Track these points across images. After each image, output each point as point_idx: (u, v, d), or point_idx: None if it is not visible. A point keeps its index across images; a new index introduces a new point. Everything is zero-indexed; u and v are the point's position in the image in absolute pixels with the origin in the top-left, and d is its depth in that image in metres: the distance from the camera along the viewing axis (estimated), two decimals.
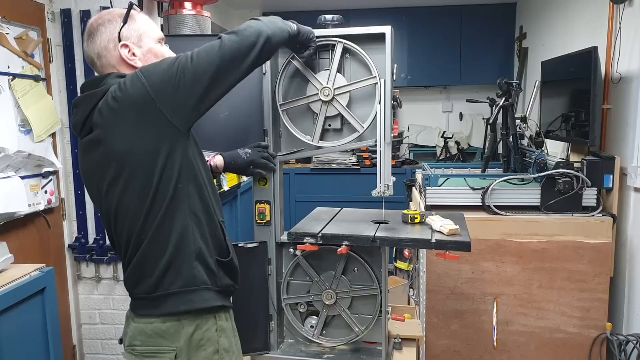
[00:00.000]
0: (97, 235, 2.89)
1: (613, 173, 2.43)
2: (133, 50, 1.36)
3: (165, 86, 1.22)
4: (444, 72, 5.19)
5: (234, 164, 1.74)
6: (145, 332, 1.29)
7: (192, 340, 1.29)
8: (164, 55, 1.39)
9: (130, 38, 1.36)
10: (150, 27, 1.40)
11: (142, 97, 1.21)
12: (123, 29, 1.34)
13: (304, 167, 4.84)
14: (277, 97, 1.82)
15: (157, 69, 1.25)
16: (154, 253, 1.29)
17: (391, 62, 1.71)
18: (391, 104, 1.72)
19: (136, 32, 1.37)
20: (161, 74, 1.23)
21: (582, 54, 2.56)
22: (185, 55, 1.25)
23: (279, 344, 1.93)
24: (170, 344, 1.28)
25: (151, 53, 1.38)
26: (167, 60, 1.27)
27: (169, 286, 1.29)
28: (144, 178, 1.24)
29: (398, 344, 1.98)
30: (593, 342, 2.44)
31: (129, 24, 1.36)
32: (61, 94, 2.84)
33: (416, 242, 1.71)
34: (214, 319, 1.35)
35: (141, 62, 1.36)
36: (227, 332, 1.39)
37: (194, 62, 1.23)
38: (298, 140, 1.84)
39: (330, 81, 1.76)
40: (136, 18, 1.38)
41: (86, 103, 1.30)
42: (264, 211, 1.85)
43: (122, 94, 1.23)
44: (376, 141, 1.70)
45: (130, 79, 1.24)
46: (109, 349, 3.01)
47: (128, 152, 1.24)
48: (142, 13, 1.42)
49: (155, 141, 1.23)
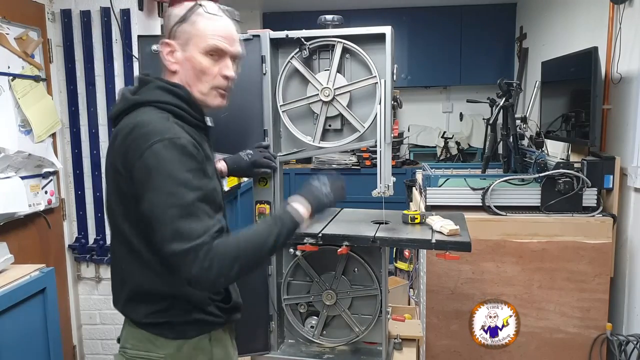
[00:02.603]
0: (97, 235, 2.89)
1: (613, 173, 2.43)
2: (175, 51, 1.24)
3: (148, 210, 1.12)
4: (444, 72, 5.18)
5: (237, 167, 1.72)
6: (136, 336, 1.27)
7: (182, 349, 1.24)
8: (203, 69, 1.23)
9: (179, 38, 1.24)
10: (204, 35, 1.22)
11: (126, 178, 1.15)
12: (177, 27, 1.24)
13: (304, 167, 4.84)
14: (277, 98, 1.82)
15: (159, 193, 1.10)
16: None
17: (391, 62, 1.71)
18: (391, 104, 1.72)
19: (187, 33, 1.23)
20: (156, 201, 1.10)
21: (582, 54, 2.56)
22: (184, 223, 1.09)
23: (279, 344, 1.93)
24: (159, 350, 1.24)
25: (189, 62, 1.24)
26: (171, 199, 1.09)
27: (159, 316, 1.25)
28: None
29: (398, 344, 1.99)
30: (593, 342, 2.44)
31: (187, 23, 1.23)
32: (61, 94, 2.84)
33: (416, 242, 1.71)
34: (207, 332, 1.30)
35: (177, 67, 1.25)
36: (223, 342, 1.33)
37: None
38: (298, 140, 1.84)
39: (330, 81, 1.76)
40: (197, 20, 1.23)
41: (121, 103, 1.24)
42: (264, 211, 1.85)
43: (125, 154, 1.15)
44: (376, 141, 1.70)
45: (140, 154, 1.11)
46: (109, 349, 3.01)
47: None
48: (219, 17, 1.25)
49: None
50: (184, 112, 1.23)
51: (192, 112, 1.25)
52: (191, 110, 1.25)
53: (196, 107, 1.26)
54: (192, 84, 1.25)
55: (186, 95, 1.24)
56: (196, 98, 1.26)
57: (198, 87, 1.25)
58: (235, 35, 1.28)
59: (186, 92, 1.24)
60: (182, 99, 1.23)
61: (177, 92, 1.23)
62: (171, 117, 1.20)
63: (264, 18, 5.17)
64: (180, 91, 1.24)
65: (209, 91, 1.26)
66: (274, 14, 5.17)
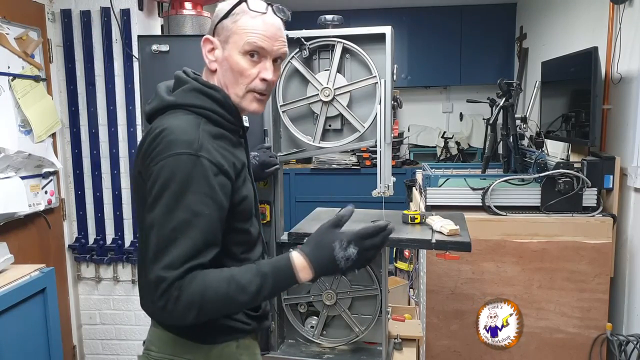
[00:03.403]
0: (97, 235, 2.89)
1: (613, 173, 2.43)
2: (215, 49, 1.18)
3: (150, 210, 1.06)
4: (444, 72, 5.18)
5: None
6: (162, 338, 1.21)
7: (208, 355, 1.19)
8: (240, 70, 1.16)
9: (220, 35, 1.17)
10: (244, 32, 1.14)
11: (144, 181, 1.11)
12: (220, 23, 1.17)
13: (304, 167, 4.83)
14: (277, 98, 1.82)
15: (161, 206, 1.05)
16: None
17: (391, 62, 1.71)
18: (391, 104, 1.72)
19: (228, 30, 1.16)
20: (156, 214, 1.05)
21: (582, 54, 2.56)
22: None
23: (279, 344, 1.93)
24: (185, 355, 1.18)
25: (226, 61, 1.16)
26: (176, 219, 1.03)
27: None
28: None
29: (398, 344, 1.98)
30: (593, 342, 2.44)
31: (229, 19, 1.16)
32: (61, 94, 2.84)
33: (416, 242, 1.71)
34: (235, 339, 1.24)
35: (216, 66, 1.18)
36: (250, 350, 1.27)
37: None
38: (298, 140, 1.84)
39: (330, 81, 1.76)
40: (240, 17, 1.15)
41: (156, 101, 1.19)
42: (264, 211, 1.85)
43: (146, 158, 1.10)
44: (376, 141, 1.70)
45: (163, 163, 1.06)
46: (109, 349, 3.01)
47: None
48: (263, 14, 1.16)
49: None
50: (220, 117, 1.16)
51: (229, 117, 1.18)
52: (227, 114, 1.18)
53: (233, 111, 1.19)
54: (229, 86, 1.18)
55: (223, 98, 1.17)
56: (233, 101, 1.19)
57: (234, 89, 1.18)
58: (279, 35, 1.18)
59: (224, 96, 1.17)
60: (219, 103, 1.16)
61: (213, 95, 1.16)
62: (204, 121, 1.13)
63: None
64: (218, 94, 1.16)
65: (244, 94, 1.18)
66: None
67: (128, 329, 2.97)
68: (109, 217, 2.88)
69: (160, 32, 2.97)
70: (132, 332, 2.97)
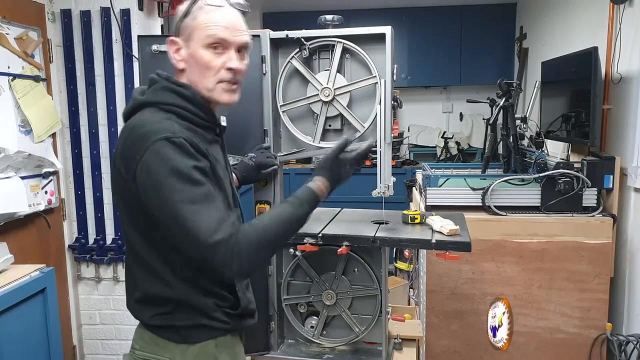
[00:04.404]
0: (97, 235, 2.89)
1: (613, 173, 2.43)
2: (180, 49, 1.20)
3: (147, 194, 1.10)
4: (444, 72, 5.18)
5: (245, 174, 1.69)
6: (144, 338, 1.26)
7: (186, 354, 1.22)
8: (205, 63, 1.18)
9: (182, 34, 1.20)
10: (205, 26, 1.17)
11: (128, 181, 1.14)
12: (180, 23, 1.20)
13: (304, 167, 4.83)
14: (277, 98, 1.82)
15: (166, 191, 1.08)
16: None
17: (391, 62, 1.71)
18: (391, 104, 1.72)
19: (189, 28, 1.18)
20: (165, 200, 1.08)
21: (582, 54, 2.56)
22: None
23: (279, 344, 1.93)
24: (165, 353, 1.22)
25: (192, 58, 1.19)
26: (176, 196, 1.07)
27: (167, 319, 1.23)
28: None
29: (398, 344, 1.98)
30: (593, 342, 2.44)
31: (189, 17, 1.18)
32: (61, 94, 2.84)
33: (416, 242, 1.71)
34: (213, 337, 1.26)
35: (184, 64, 1.21)
36: (230, 348, 1.28)
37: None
38: (298, 140, 1.84)
39: (330, 81, 1.76)
40: (198, 13, 1.18)
41: (130, 103, 1.22)
42: (264, 211, 1.85)
43: (125, 157, 1.14)
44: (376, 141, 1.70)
45: (146, 158, 1.09)
46: (109, 349, 3.01)
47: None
48: (220, 8, 1.19)
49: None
50: (189, 112, 1.19)
51: (199, 113, 1.20)
52: (198, 110, 1.20)
53: (203, 107, 1.21)
54: (198, 81, 1.20)
55: (192, 95, 1.19)
56: (204, 96, 1.21)
57: (203, 83, 1.20)
58: (239, 25, 1.21)
59: (192, 92, 1.20)
60: (187, 99, 1.19)
61: (182, 92, 1.19)
62: (174, 117, 1.16)
63: (264, 18, 5.18)
64: (186, 91, 1.19)
65: (214, 86, 1.20)
66: (274, 14, 5.17)
67: (128, 329, 2.97)
68: (109, 217, 2.88)
69: (160, 32, 2.97)
70: (132, 332, 2.92)
